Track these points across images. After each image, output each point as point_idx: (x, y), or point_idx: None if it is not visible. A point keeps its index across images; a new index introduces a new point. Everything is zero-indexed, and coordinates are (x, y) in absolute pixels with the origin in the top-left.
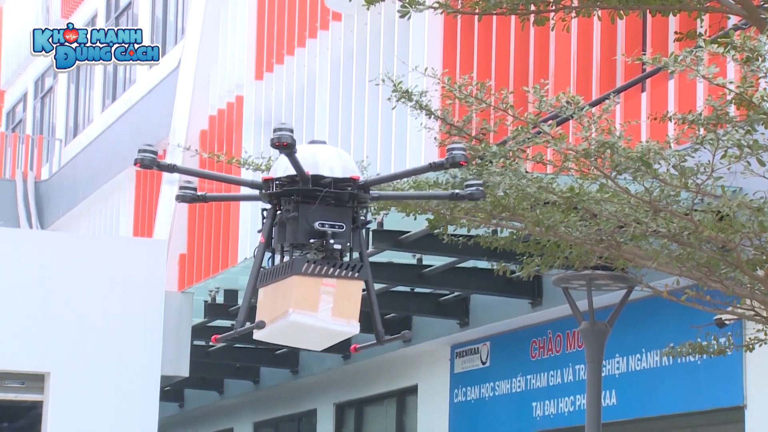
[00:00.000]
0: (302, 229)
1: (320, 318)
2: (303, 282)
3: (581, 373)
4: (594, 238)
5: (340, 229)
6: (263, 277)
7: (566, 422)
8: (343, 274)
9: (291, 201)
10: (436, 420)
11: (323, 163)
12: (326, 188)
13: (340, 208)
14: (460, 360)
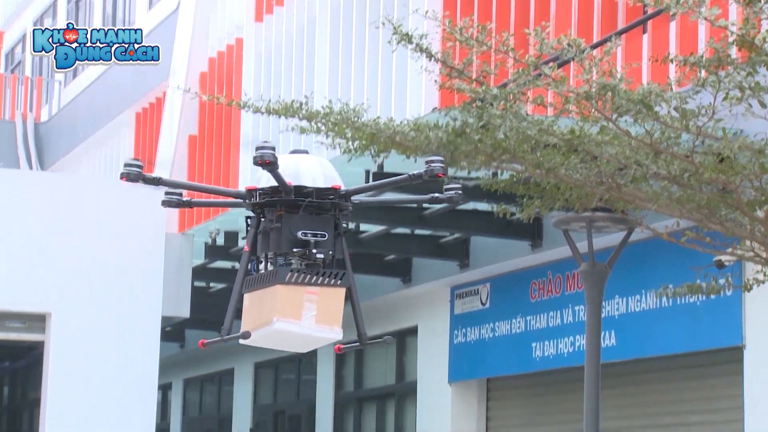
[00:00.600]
0: (285, 239)
1: (304, 325)
2: (287, 291)
3: (581, 314)
4: (594, 180)
5: (323, 237)
6: (248, 284)
7: (566, 362)
8: (326, 282)
9: (274, 211)
10: (435, 361)
11: (305, 173)
12: (308, 198)
13: (322, 217)
14: (460, 301)
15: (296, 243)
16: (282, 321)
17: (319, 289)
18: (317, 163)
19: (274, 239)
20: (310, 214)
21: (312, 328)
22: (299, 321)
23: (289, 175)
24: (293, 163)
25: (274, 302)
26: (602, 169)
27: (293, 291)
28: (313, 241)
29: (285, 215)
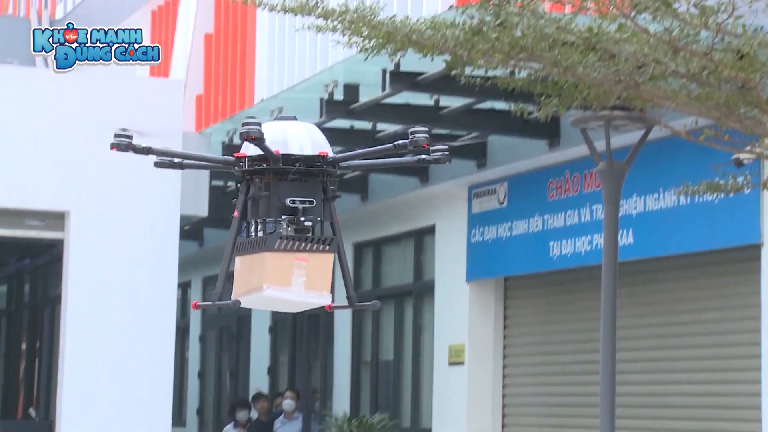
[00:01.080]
0: (274, 206)
1: (293, 291)
2: (276, 258)
3: (598, 212)
4: (612, 78)
5: (311, 204)
6: (240, 247)
7: (583, 261)
8: (315, 248)
9: (262, 179)
10: (453, 260)
11: (293, 140)
12: (296, 166)
13: (310, 184)
14: (478, 200)
15: (284, 210)
16: (271, 288)
17: (307, 255)
18: (305, 130)
19: (263, 206)
20: (298, 181)
21: (301, 293)
22: (289, 287)
23: (276, 143)
24: (281, 130)
25: (264, 269)
26: (620, 68)
27: (282, 258)
28: (301, 208)
29: (273, 182)
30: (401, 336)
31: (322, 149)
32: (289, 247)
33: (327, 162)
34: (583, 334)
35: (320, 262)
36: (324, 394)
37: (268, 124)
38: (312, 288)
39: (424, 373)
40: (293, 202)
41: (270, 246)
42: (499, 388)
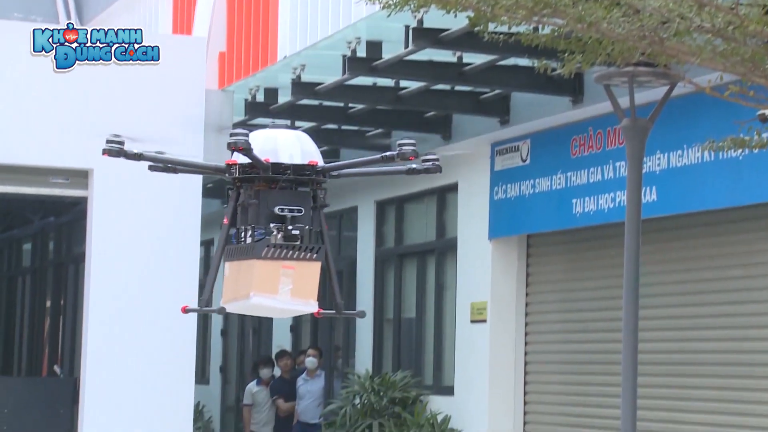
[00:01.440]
0: (263, 214)
1: (280, 300)
2: (263, 266)
3: (622, 169)
4: (637, 34)
5: (299, 213)
6: (229, 253)
7: (606, 218)
8: (302, 256)
9: (252, 186)
10: (476, 217)
11: (283, 150)
12: (286, 174)
13: (299, 192)
14: (501, 158)
15: (273, 218)
16: (258, 296)
17: (295, 263)
18: (295, 139)
19: (252, 214)
20: (288, 190)
21: (287, 302)
22: (275, 295)
23: (267, 151)
24: (272, 139)
25: (251, 277)
26: (645, 23)
27: (269, 266)
28: (289, 217)
29: (263, 190)
30: (423, 294)
31: (312, 158)
32: (277, 255)
33: (317, 171)
34: (605, 292)
35: (307, 270)
36: (346, 351)
37: (259, 132)
38: (298, 296)
39: (447, 330)
40: (282, 211)
41: (258, 253)
42: (521, 345)
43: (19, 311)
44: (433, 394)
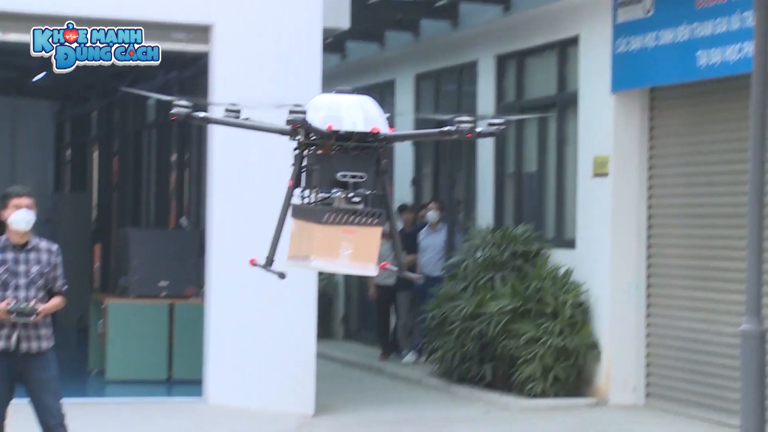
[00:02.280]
0: (325, 179)
1: (339, 263)
2: (323, 231)
3: (748, 20)
4: None
5: (362, 179)
6: (295, 211)
7: (731, 70)
8: (363, 221)
9: (316, 152)
10: (597, 70)
11: (347, 117)
12: (348, 141)
13: (362, 158)
14: (623, 9)
15: (336, 183)
16: (318, 259)
17: (355, 228)
18: (359, 105)
19: (316, 178)
20: (351, 156)
21: (346, 265)
22: (335, 259)
23: (330, 117)
24: (336, 105)
25: (312, 240)
26: None
27: (330, 230)
28: (351, 183)
29: (326, 156)
30: (544, 148)
31: (375, 125)
32: (338, 221)
33: (379, 138)
34: (730, 145)
35: (368, 235)
36: (467, 205)
37: (324, 97)
38: (358, 260)
39: (568, 184)
40: (344, 177)
41: (319, 218)
42: (643, 199)
43: (146, 165)
44: (554, 247)
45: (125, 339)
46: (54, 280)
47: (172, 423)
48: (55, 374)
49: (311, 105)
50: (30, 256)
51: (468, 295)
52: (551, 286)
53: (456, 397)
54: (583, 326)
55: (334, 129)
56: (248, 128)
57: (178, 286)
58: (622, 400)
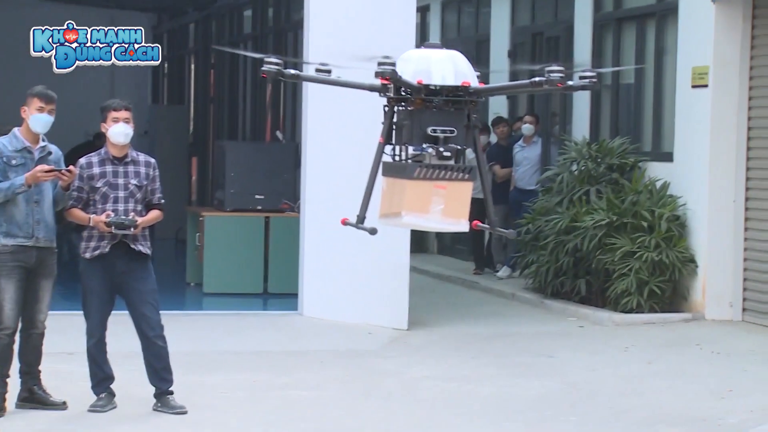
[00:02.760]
0: (416, 134)
1: (431, 219)
2: (415, 186)
3: None
4: None
5: (452, 133)
6: (386, 168)
7: None
8: (454, 176)
9: (406, 107)
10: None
11: (436, 71)
12: (438, 96)
13: (452, 113)
14: None
15: (426, 138)
16: (410, 215)
17: (447, 183)
18: (449, 59)
19: (406, 134)
20: (441, 110)
21: (438, 221)
22: (426, 215)
23: (420, 72)
24: (425, 59)
25: (403, 196)
26: None
27: (421, 186)
28: (442, 137)
29: (416, 111)
30: (642, 59)
31: (465, 79)
32: (429, 176)
33: (469, 92)
34: None
35: (459, 190)
36: (563, 118)
37: (412, 52)
38: (449, 215)
39: (666, 96)
40: (434, 132)
41: (410, 174)
42: (744, 111)
43: (242, 79)
44: (651, 160)
45: (221, 252)
46: (152, 194)
47: (268, 336)
48: (154, 286)
49: (400, 58)
50: (128, 169)
51: (563, 209)
52: (647, 200)
53: (549, 312)
54: (679, 240)
55: (423, 83)
56: (339, 85)
57: (274, 199)
58: (718, 315)
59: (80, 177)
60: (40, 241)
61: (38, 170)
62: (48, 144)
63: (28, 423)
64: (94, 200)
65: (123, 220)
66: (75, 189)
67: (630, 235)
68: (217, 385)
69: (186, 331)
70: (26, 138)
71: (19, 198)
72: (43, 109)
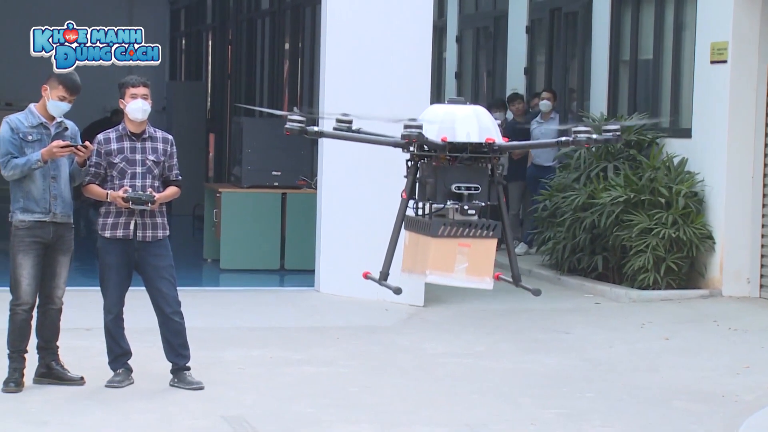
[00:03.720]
0: (440, 191)
1: (455, 278)
2: (439, 244)
3: None
4: None
5: (476, 190)
6: (408, 223)
7: None
8: (478, 234)
9: (430, 163)
10: None
11: (460, 128)
12: (462, 153)
13: (476, 169)
14: None
15: (450, 195)
16: (434, 274)
17: (471, 240)
18: (473, 115)
19: (430, 190)
20: (465, 167)
21: (463, 280)
22: (451, 273)
23: (444, 129)
24: (450, 116)
25: (427, 254)
26: None
27: (445, 244)
28: (466, 194)
29: (440, 168)
30: (661, 34)
31: (489, 135)
32: (453, 233)
33: (493, 149)
34: None
35: (483, 247)
36: (581, 94)
37: (437, 108)
38: (473, 274)
39: (685, 72)
40: (459, 189)
41: (434, 232)
42: (763, 87)
43: (260, 54)
44: (669, 137)
45: (238, 228)
46: (169, 170)
47: (284, 312)
48: (171, 262)
49: (425, 118)
50: (146, 145)
51: (580, 186)
52: (665, 176)
53: (566, 288)
54: (697, 217)
55: (448, 141)
56: (362, 141)
57: (291, 175)
58: (736, 291)
59: (98, 153)
60: (57, 217)
61: (54, 146)
62: (64, 120)
63: (46, 398)
64: (112, 176)
65: (140, 195)
66: (93, 165)
67: (647, 212)
68: (234, 361)
69: (203, 307)
70: (42, 114)
71: (36, 174)
72: (65, 99)
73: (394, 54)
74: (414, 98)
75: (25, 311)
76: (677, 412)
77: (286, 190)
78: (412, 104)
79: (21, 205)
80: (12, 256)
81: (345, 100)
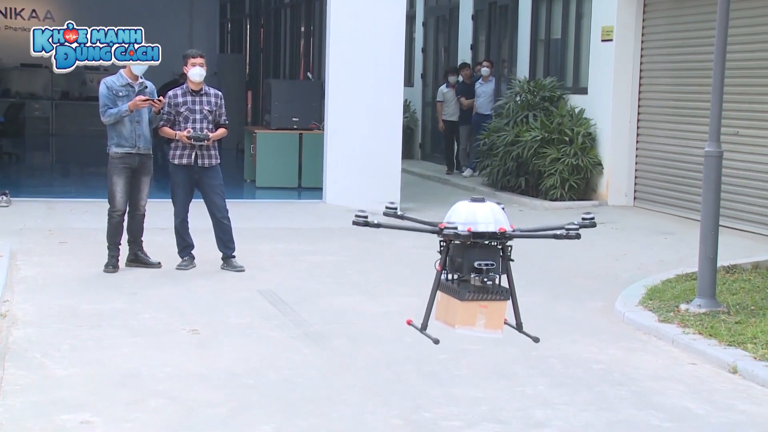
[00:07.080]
0: (466, 266)
1: (477, 330)
2: (466, 306)
3: None
4: None
5: (492, 266)
6: (443, 286)
7: None
8: (493, 298)
9: (459, 245)
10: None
11: (482, 221)
12: (483, 239)
13: (492, 250)
14: None
15: (473, 269)
16: (462, 328)
17: (488, 303)
18: (490, 211)
19: (458, 265)
20: (484, 249)
21: (482, 331)
22: (473, 327)
23: (468, 222)
24: (473, 213)
25: (456, 313)
26: None
27: (470, 306)
28: (485, 269)
29: (466, 249)
30: (567, 20)
31: (501, 226)
32: (475, 298)
33: (505, 236)
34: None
35: (497, 308)
36: (510, 63)
37: (462, 206)
38: (489, 327)
39: (583, 47)
40: (479, 265)
41: (462, 296)
42: (638, 59)
43: (283, 35)
44: (572, 93)
45: (269, 158)
46: (219, 116)
47: (302, 217)
48: (221, 182)
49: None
50: (203, 98)
51: (509, 128)
52: (569, 122)
53: (499, 200)
54: (591, 150)
55: (472, 231)
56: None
57: (306, 120)
58: (617, 202)
59: (169, 104)
60: (141, 149)
61: (137, 99)
62: (145, 80)
63: (136, 277)
64: (179, 121)
65: (199, 134)
66: (165, 113)
67: (556, 147)
68: (266, 251)
69: (244, 213)
70: (128, 77)
71: (125, 119)
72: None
73: (379, 34)
74: (392, 63)
75: (118, 215)
76: (576, 287)
77: (302, 131)
78: (390, 67)
79: (115, 141)
80: (109, 176)
81: (344, 68)
